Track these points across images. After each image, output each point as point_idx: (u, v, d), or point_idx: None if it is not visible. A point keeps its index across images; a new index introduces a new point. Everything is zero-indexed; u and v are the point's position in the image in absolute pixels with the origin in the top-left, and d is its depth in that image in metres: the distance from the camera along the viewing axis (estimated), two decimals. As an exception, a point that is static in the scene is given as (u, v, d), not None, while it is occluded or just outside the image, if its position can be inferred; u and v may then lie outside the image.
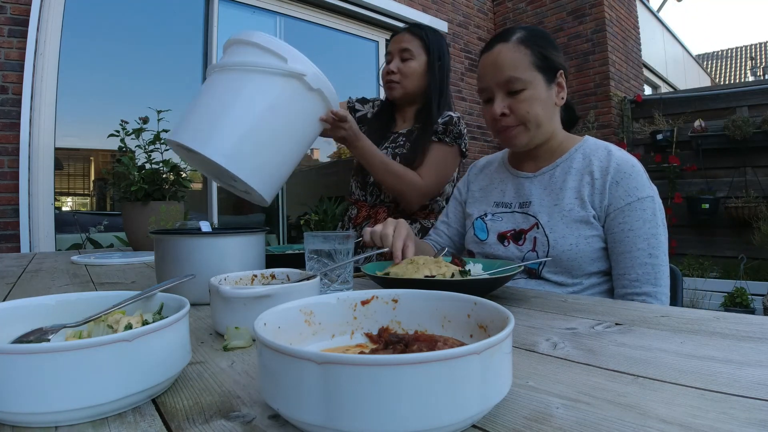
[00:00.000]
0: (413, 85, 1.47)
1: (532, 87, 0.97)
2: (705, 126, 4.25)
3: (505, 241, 1.05)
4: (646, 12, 6.44)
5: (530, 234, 1.01)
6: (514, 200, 1.08)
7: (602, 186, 0.96)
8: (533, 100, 0.98)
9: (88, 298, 0.50)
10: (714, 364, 0.44)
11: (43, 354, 0.32)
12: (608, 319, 0.63)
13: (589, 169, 0.99)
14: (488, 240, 1.08)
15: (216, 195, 3.34)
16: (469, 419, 0.31)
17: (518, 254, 1.02)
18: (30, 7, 2.51)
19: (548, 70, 0.99)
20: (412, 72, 1.45)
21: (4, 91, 2.46)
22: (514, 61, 0.97)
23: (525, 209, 1.04)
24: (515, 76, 0.97)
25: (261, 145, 0.99)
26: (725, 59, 18.35)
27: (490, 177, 1.18)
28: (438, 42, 1.49)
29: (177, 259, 0.78)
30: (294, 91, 1.01)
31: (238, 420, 0.35)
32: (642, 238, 0.92)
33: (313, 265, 0.81)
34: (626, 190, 0.94)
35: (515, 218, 1.05)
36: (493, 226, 1.08)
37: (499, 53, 0.99)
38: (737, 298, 3.47)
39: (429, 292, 0.48)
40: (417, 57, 1.45)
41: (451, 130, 1.42)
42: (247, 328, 0.54)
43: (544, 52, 0.99)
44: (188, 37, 3.37)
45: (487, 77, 1.01)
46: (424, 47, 1.46)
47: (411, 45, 1.45)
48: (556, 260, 0.96)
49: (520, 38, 0.99)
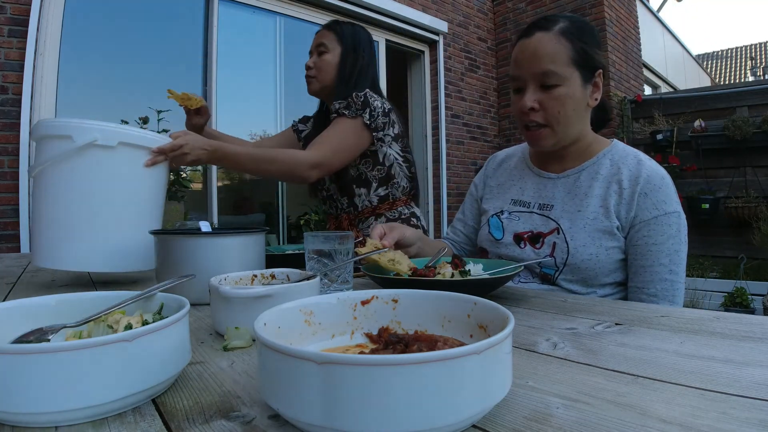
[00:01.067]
0: (328, 77, 1.45)
1: (568, 84, 0.92)
2: (705, 126, 4.25)
3: (522, 243, 1.01)
4: (646, 12, 6.44)
5: (549, 238, 0.97)
6: (533, 200, 1.03)
7: (630, 197, 0.92)
8: (566, 98, 0.92)
9: (88, 298, 0.50)
10: (714, 364, 0.44)
11: (43, 354, 0.32)
12: (608, 319, 0.63)
13: (618, 177, 0.95)
14: (503, 240, 1.04)
15: (216, 195, 3.34)
16: (469, 419, 0.31)
17: (535, 258, 0.98)
18: (30, 7, 2.51)
19: (587, 68, 0.93)
20: (326, 65, 1.44)
21: (4, 91, 2.46)
22: (552, 53, 0.91)
23: (545, 212, 1.00)
24: (552, 70, 0.91)
25: (111, 229, 0.93)
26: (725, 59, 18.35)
27: (509, 172, 1.13)
28: (354, 34, 1.48)
29: (177, 259, 0.78)
30: (96, 159, 0.91)
31: (238, 420, 0.35)
32: (665, 254, 0.90)
33: (313, 265, 0.81)
34: (654, 204, 0.91)
35: (533, 219, 1.01)
36: (509, 225, 1.04)
37: (539, 42, 0.92)
38: (737, 298, 3.47)
39: (429, 292, 0.48)
40: (332, 50, 1.45)
41: (353, 102, 1.36)
42: (247, 328, 0.54)
43: (585, 48, 0.93)
44: (188, 37, 3.37)
45: (521, 66, 0.95)
46: (338, 40, 1.45)
47: (326, 39, 1.46)
48: (573, 268, 0.93)
49: (563, 29, 0.92)
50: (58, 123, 0.91)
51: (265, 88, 3.78)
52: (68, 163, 0.90)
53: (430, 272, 0.81)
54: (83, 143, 0.88)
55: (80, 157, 0.90)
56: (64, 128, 0.89)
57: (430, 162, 4.75)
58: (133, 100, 2.98)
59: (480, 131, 5.10)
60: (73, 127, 0.89)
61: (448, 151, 4.77)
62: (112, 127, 0.91)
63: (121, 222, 0.94)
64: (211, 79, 3.32)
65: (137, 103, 2.62)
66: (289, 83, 3.83)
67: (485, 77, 5.24)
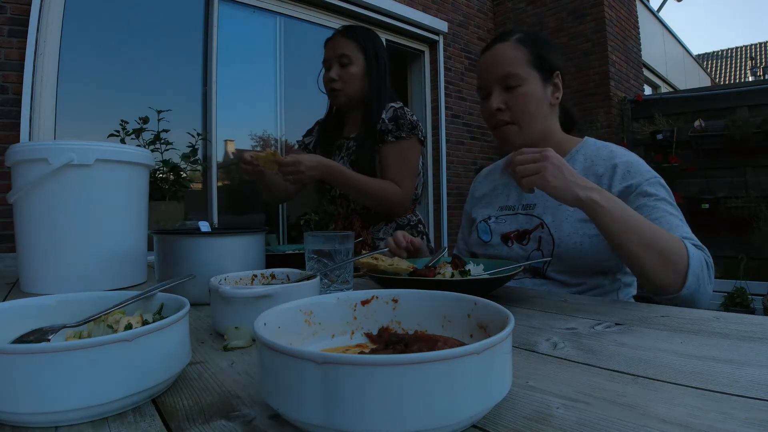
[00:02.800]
0: (355, 89, 1.45)
1: (528, 84, 1.01)
2: (705, 126, 4.25)
3: (509, 242, 1.06)
4: (646, 12, 6.44)
5: (535, 234, 1.01)
6: (517, 203, 1.09)
7: (610, 180, 0.96)
8: (528, 96, 1.01)
9: (88, 298, 0.50)
10: (714, 364, 0.44)
11: (43, 354, 0.32)
12: (608, 319, 0.63)
13: (593, 170, 0.99)
14: (492, 241, 1.09)
15: (216, 195, 3.34)
16: (469, 419, 0.31)
17: (522, 254, 1.02)
18: (30, 7, 2.51)
19: (544, 70, 1.02)
20: (352, 77, 1.44)
21: (4, 91, 2.46)
22: (511, 57, 1.01)
23: (529, 211, 1.05)
24: (512, 72, 1.01)
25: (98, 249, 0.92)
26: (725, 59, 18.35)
27: (494, 183, 1.20)
28: (372, 41, 1.48)
29: (177, 259, 0.78)
30: (75, 180, 0.89)
31: (238, 420, 0.35)
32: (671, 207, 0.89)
33: (313, 265, 0.81)
34: (641, 174, 0.94)
35: (518, 220, 1.06)
36: (496, 228, 1.09)
37: (499, 50, 1.04)
38: (737, 298, 3.47)
39: (429, 292, 0.48)
40: (355, 61, 1.44)
41: (402, 123, 1.41)
42: (247, 328, 0.54)
43: (540, 52, 1.02)
44: (188, 37, 3.37)
45: (485, 74, 1.05)
46: (361, 49, 1.45)
47: (347, 50, 1.44)
48: (560, 258, 0.96)
49: (518, 38, 1.04)
50: (32, 147, 0.90)
51: (265, 88, 3.78)
52: (46, 187, 0.88)
53: (430, 272, 0.81)
54: (59, 165, 0.86)
55: (58, 179, 0.87)
56: (39, 151, 0.87)
57: (430, 162, 4.75)
58: (133, 100, 2.98)
59: (480, 131, 5.10)
60: (47, 150, 0.87)
61: (449, 151, 4.77)
62: (88, 145, 0.89)
63: (107, 240, 0.93)
64: (211, 79, 3.32)
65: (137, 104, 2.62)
66: (289, 83, 3.83)
67: (485, 77, 5.24)
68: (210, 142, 3.27)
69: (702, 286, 0.76)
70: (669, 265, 0.75)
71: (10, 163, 0.92)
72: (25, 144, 0.91)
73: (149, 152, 1.03)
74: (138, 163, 0.98)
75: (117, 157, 0.94)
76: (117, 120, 2.13)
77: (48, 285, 0.89)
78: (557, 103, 1.06)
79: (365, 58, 1.46)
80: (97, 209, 0.92)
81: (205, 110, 3.33)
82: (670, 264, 0.75)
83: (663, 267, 0.75)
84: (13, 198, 0.91)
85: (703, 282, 0.77)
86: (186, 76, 3.35)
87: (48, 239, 0.90)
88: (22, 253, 0.93)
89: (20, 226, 0.92)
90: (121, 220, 0.97)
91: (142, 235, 1.02)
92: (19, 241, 0.93)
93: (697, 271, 0.76)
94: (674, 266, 0.75)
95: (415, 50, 4.72)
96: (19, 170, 0.90)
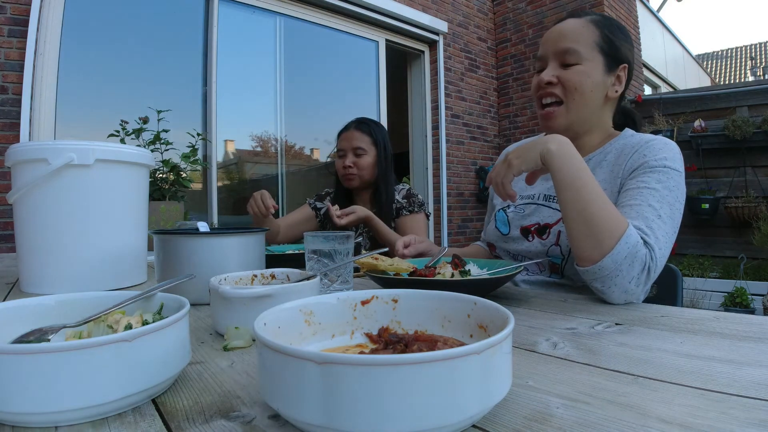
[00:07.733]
0: (368, 175, 1.75)
1: (588, 64, 0.94)
2: (705, 126, 4.24)
3: (530, 236, 1.01)
4: (646, 12, 6.44)
5: (555, 228, 0.97)
6: (539, 191, 1.04)
7: (626, 159, 0.90)
8: (585, 75, 0.93)
9: (88, 298, 0.50)
10: (714, 364, 0.44)
11: (43, 354, 0.32)
12: (608, 319, 0.63)
13: (620, 160, 0.93)
14: (510, 234, 1.04)
15: (216, 195, 3.34)
16: (469, 419, 0.31)
17: (542, 249, 0.98)
18: (30, 7, 2.51)
19: (611, 57, 0.95)
20: (366, 165, 1.74)
21: (4, 91, 2.46)
22: (578, 34, 0.95)
23: (551, 203, 1.00)
24: (574, 48, 0.93)
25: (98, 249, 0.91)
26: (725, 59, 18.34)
27: None
28: (382, 134, 1.79)
29: (177, 259, 0.78)
30: (75, 180, 0.89)
31: (238, 420, 0.35)
32: (656, 199, 0.81)
33: (313, 265, 0.81)
34: (654, 153, 0.87)
35: (540, 211, 1.01)
36: (515, 219, 1.05)
37: (567, 24, 0.97)
38: (737, 298, 3.47)
39: (429, 292, 0.48)
40: (368, 152, 1.74)
41: (413, 201, 1.75)
42: (247, 328, 0.54)
43: (611, 38, 0.95)
44: (188, 37, 3.37)
45: (546, 44, 0.98)
46: (373, 142, 1.75)
47: (362, 143, 1.73)
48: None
49: (593, 18, 0.97)
50: (32, 147, 0.89)
51: (265, 88, 3.78)
52: (46, 187, 0.88)
53: (430, 272, 0.81)
54: (59, 165, 0.86)
55: (58, 179, 0.88)
56: (39, 151, 0.87)
57: (430, 162, 4.75)
58: (133, 100, 2.98)
59: (480, 131, 5.10)
60: (47, 150, 0.87)
61: (448, 151, 4.77)
62: (87, 145, 0.89)
63: (107, 240, 0.93)
64: (211, 79, 3.32)
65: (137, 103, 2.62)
66: (289, 83, 3.83)
67: (485, 77, 5.24)
68: (210, 142, 3.27)
69: (620, 277, 0.72)
70: (591, 238, 0.73)
71: (10, 163, 0.92)
72: (25, 144, 0.91)
73: (149, 152, 1.03)
74: (138, 163, 0.98)
75: (117, 157, 0.94)
76: (117, 120, 2.12)
77: (48, 285, 0.89)
78: (616, 97, 0.99)
79: (377, 149, 1.75)
80: (97, 209, 0.92)
81: (205, 110, 3.33)
82: (594, 239, 0.73)
83: (586, 237, 0.73)
84: (13, 198, 0.91)
85: (622, 273, 0.72)
86: (186, 76, 3.35)
87: (48, 239, 0.90)
88: (22, 253, 0.93)
89: (20, 226, 0.92)
90: (121, 220, 0.96)
91: (142, 235, 1.02)
92: (19, 241, 0.93)
93: (620, 259, 0.71)
94: (597, 243, 0.72)
95: (414, 50, 4.72)
96: (19, 170, 0.90)
